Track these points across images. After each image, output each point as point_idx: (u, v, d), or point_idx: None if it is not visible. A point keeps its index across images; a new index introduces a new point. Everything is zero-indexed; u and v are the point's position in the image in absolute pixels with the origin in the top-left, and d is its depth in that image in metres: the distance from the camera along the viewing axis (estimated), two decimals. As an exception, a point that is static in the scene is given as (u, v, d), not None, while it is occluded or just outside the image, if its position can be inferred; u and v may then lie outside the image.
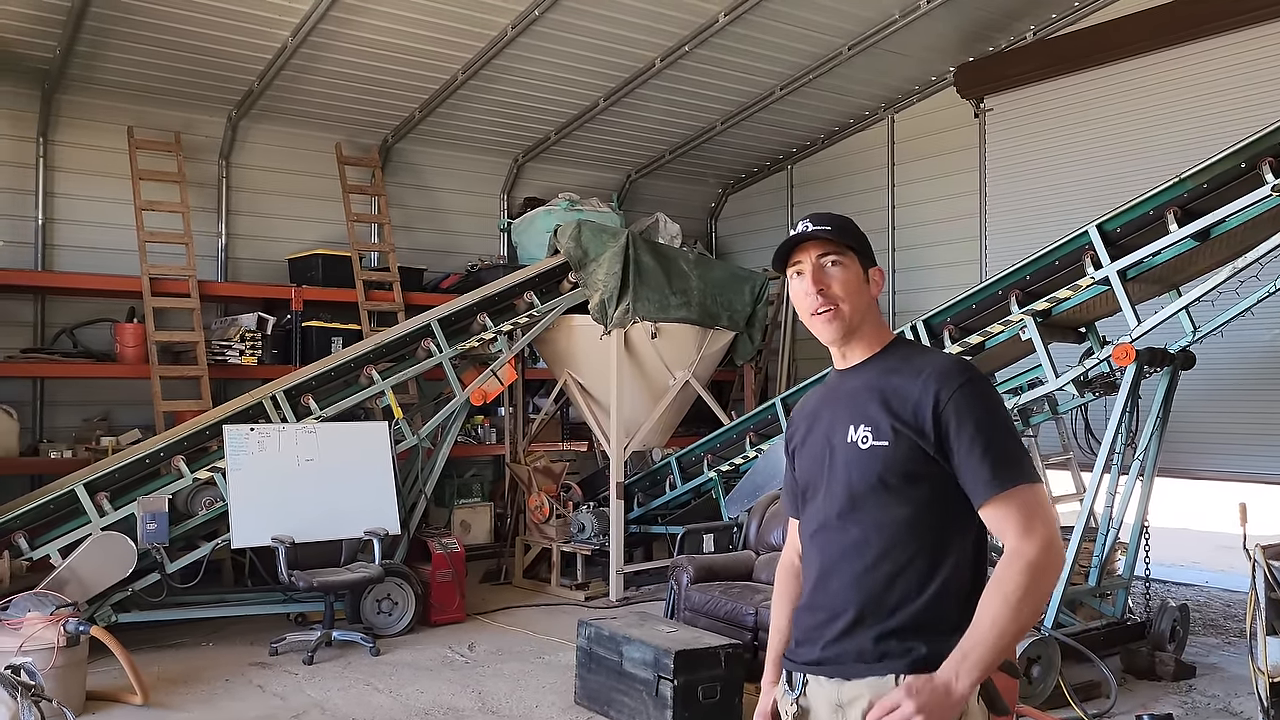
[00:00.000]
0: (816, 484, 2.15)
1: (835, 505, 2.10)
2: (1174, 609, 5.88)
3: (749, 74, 8.99)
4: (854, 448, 2.07)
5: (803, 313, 2.17)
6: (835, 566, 2.10)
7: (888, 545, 2.03)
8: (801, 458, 2.22)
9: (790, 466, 2.30)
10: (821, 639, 2.10)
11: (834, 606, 2.09)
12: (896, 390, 2.05)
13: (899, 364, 2.10)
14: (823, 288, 2.10)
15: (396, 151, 9.71)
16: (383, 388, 7.15)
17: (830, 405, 2.19)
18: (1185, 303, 5.29)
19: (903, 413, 2.02)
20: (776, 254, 2.19)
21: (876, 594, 2.03)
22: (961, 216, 9.27)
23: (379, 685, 5.72)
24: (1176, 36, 7.65)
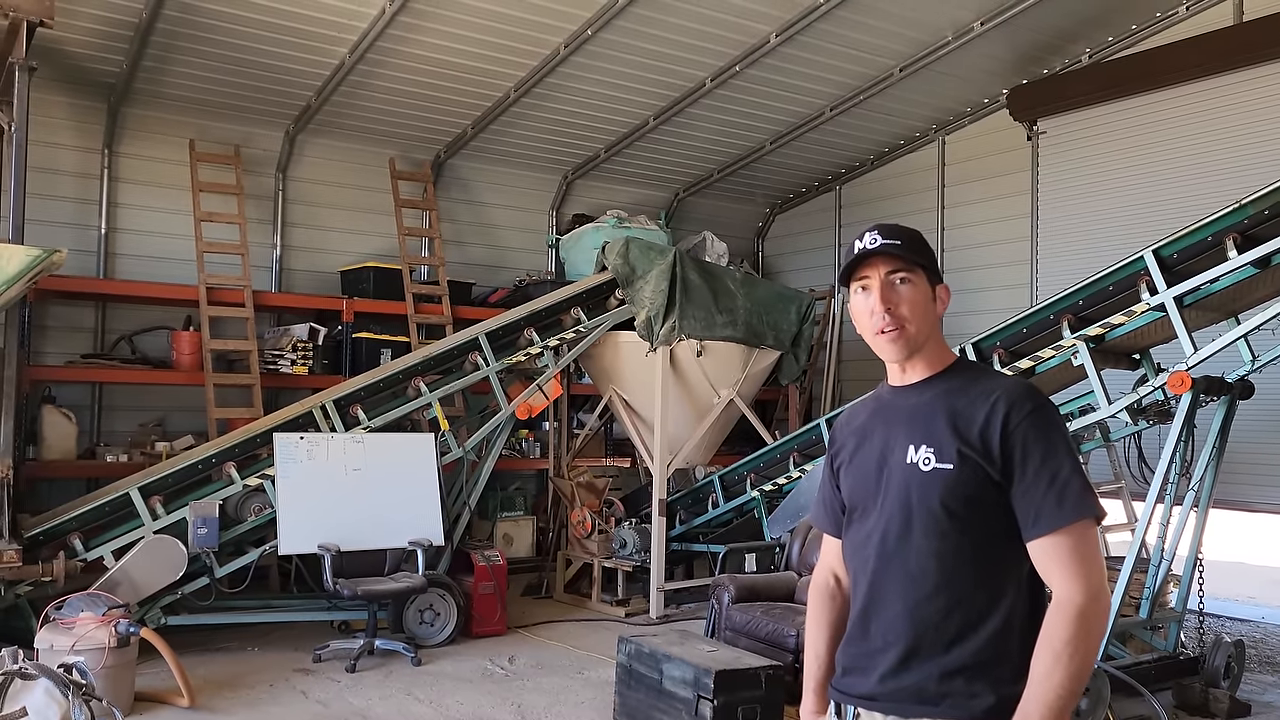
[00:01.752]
0: (867, 504, 2.06)
1: (891, 528, 2.01)
2: (1229, 644, 5.73)
3: (799, 94, 8.99)
4: (914, 469, 1.98)
5: (865, 330, 2.09)
6: (889, 593, 2.01)
7: (947, 575, 1.94)
8: (850, 475, 2.13)
9: (832, 483, 2.21)
10: (875, 670, 2.01)
11: (887, 636, 2.00)
12: (962, 412, 1.97)
13: (964, 384, 2.03)
14: (890, 306, 2.02)
15: (448, 167, 9.84)
16: (430, 400, 7.23)
17: (885, 422, 2.10)
18: (1244, 331, 5.18)
19: (969, 435, 1.95)
20: (846, 267, 2.09)
21: (934, 626, 1.95)
22: (1012, 240, 9.18)
23: (419, 695, 5.75)
24: (1233, 61, 7.55)
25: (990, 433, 1.93)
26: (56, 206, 7.99)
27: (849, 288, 2.11)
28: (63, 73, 7.64)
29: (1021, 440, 1.92)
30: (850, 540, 2.13)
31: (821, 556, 2.30)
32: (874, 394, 2.23)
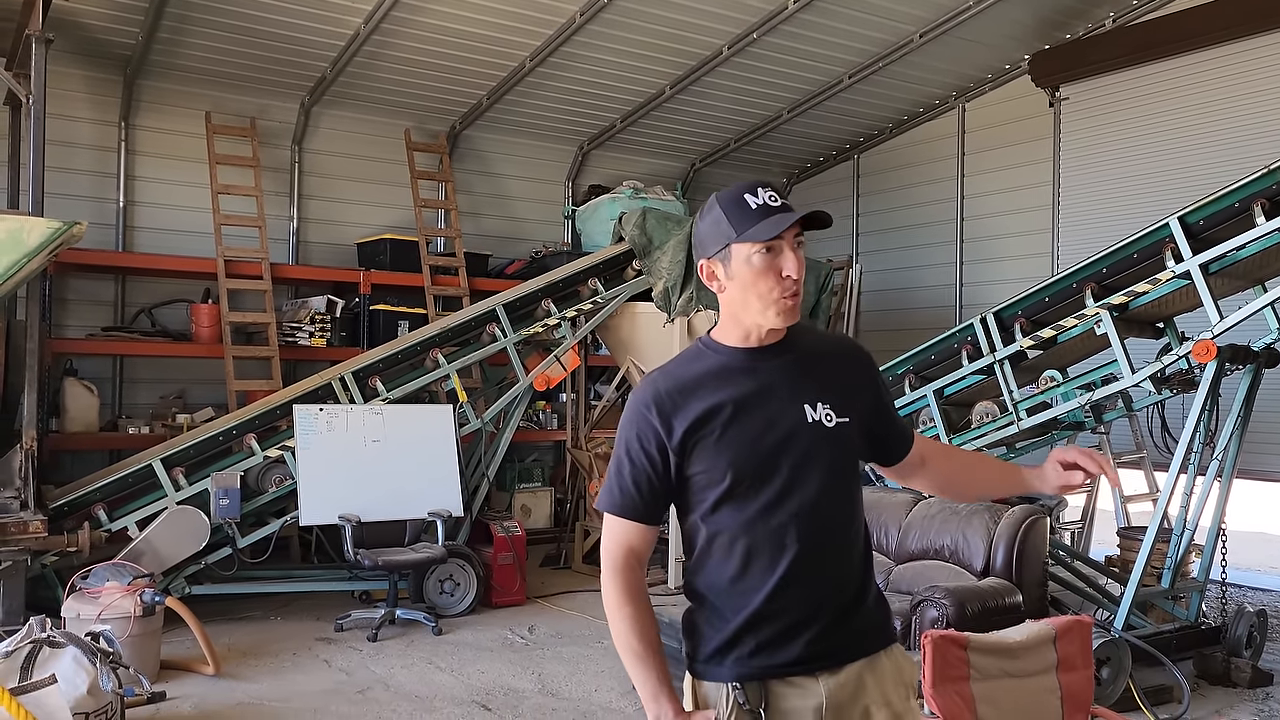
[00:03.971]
0: (763, 473, 1.97)
1: (809, 492, 1.99)
2: (1251, 614, 5.70)
3: (818, 61, 8.89)
4: (819, 427, 2.01)
5: (764, 294, 1.95)
6: (818, 559, 2.00)
7: (856, 525, 2.10)
8: (726, 447, 1.97)
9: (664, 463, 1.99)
10: (800, 638, 1.99)
11: (819, 601, 2.01)
12: (835, 368, 2.10)
13: (815, 343, 2.14)
14: (798, 274, 1.97)
15: (464, 138, 9.80)
16: (448, 371, 7.23)
17: (758, 387, 2.01)
18: (1272, 298, 5.12)
19: (850, 391, 2.08)
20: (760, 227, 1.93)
21: (855, 576, 2.08)
22: (1033, 208, 9.08)
23: (441, 664, 5.80)
24: (1262, 23, 7.39)
25: (867, 387, 2.14)
26: (74, 179, 8.00)
27: (743, 245, 1.95)
28: (79, 45, 7.62)
29: (882, 389, 2.21)
30: (738, 515, 1.98)
31: (623, 544, 2.03)
32: (698, 361, 2.05)
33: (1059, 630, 2.67)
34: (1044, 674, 2.62)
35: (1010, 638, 2.62)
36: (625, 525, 2.03)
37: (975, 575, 5.43)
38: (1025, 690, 2.58)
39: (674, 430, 1.98)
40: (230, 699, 5.18)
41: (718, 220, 1.99)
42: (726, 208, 1.99)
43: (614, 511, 2.04)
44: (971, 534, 5.48)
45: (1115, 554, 6.59)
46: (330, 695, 5.26)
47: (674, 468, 2.00)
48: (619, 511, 2.03)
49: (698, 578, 2.07)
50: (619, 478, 2.03)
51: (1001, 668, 2.56)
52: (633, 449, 2.02)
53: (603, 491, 2.07)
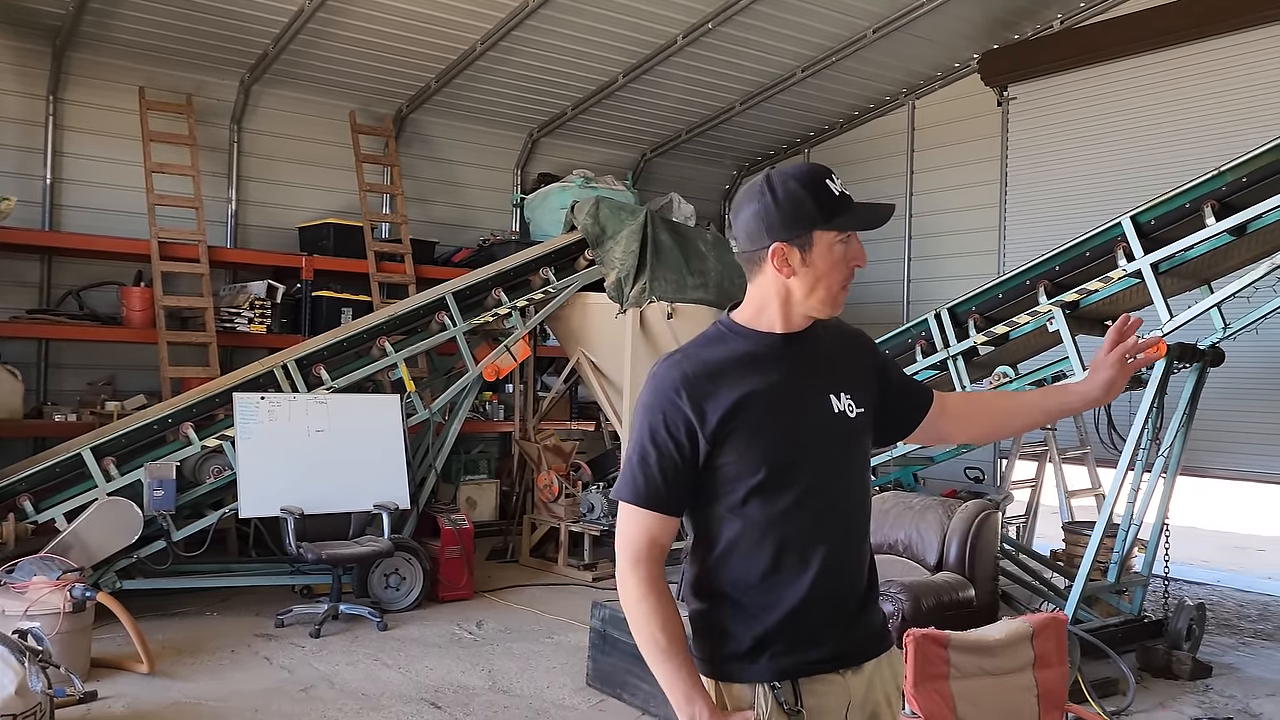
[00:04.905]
0: (801, 462, 1.92)
1: (841, 480, 1.98)
2: (1191, 607, 5.82)
3: (772, 54, 8.87)
4: (844, 419, 1.97)
5: (834, 285, 1.93)
6: (849, 552, 1.98)
7: (870, 518, 2.08)
8: (760, 436, 1.89)
9: (694, 451, 1.89)
10: (830, 635, 1.95)
11: (848, 595, 1.98)
12: (851, 359, 2.06)
13: (830, 329, 2.06)
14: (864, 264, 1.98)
15: (411, 122, 9.59)
16: (395, 360, 7.06)
17: (783, 374, 1.94)
18: (1221, 298, 5.20)
19: (864, 380, 2.04)
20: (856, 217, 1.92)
21: (869, 570, 2.05)
22: (980, 206, 9.18)
23: (388, 660, 5.65)
24: (1206, 29, 7.55)
25: (874, 368, 2.10)
26: (-2, 155, 7.64)
27: (828, 233, 1.90)
28: (4, 14, 7.27)
29: (887, 366, 2.16)
30: (769, 508, 1.90)
31: (645, 535, 1.90)
32: (723, 345, 1.96)
33: (1036, 628, 2.65)
34: (1021, 671, 2.60)
35: (989, 636, 2.59)
36: (648, 516, 1.90)
37: (929, 570, 5.45)
38: (1003, 688, 2.56)
39: (707, 417, 1.87)
40: (165, 698, 4.97)
41: (798, 201, 1.89)
42: (811, 189, 1.89)
43: (638, 502, 1.90)
44: (925, 529, 5.51)
45: (1060, 548, 6.68)
46: (272, 694, 5.08)
47: (703, 456, 1.89)
48: (644, 502, 1.90)
49: (721, 573, 1.95)
50: (644, 466, 1.89)
51: (980, 666, 2.53)
52: (659, 435, 1.88)
53: (623, 481, 1.93)
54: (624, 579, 1.91)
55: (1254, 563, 8.83)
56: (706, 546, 1.96)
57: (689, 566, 2.01)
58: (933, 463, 6.72)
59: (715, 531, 1.94)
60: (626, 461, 1.93)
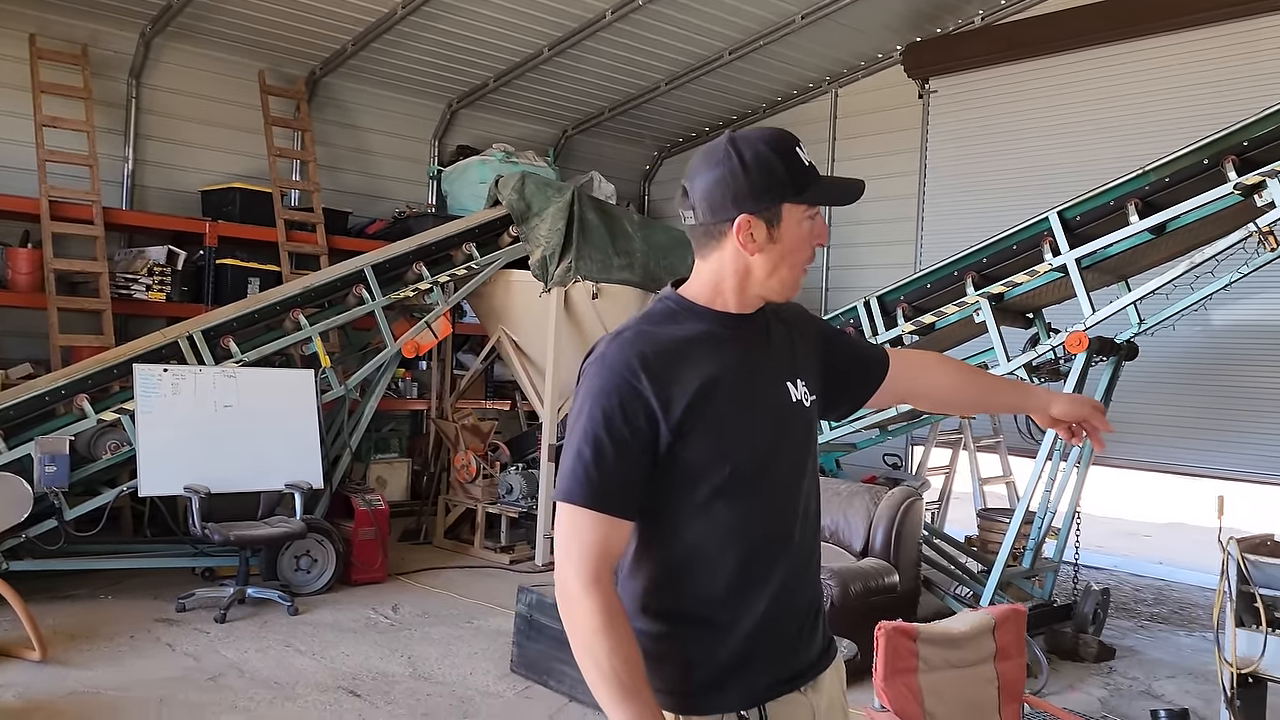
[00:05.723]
0: (767, 457, 1.73)
1: (803, 476, 1.80)
2: (1097, 593, 6.02)
3: (699, 35, 8.78)
4: (801, 408, 1.80)
5: (797, 264, 1.75)
6: (807, 550, 1.81)
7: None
8: (724, 429, 1.68)
9: (653, 446, 1.64)
10: (801, 645, 1.79)
11: (811, 599, 1.82)
12: (797, 341, 1.87)
13: (775, 314, 1.86)
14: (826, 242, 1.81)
15: (324, 86, 9.20)
16: (310, 334, 6.76)
17: (739, 359, 1.74)
18: (1138, 295, 5.35)
19: (812, 364, 1.88)
20: (827, 192, 1.76)
21: (819, 578, 1.89)
22: (900, 196, 9.29)
23: (300, 647, 5.42)
24: (1124, 31, 7.76)
25: (817, 346, 1.93)
26: None
27: (798, 207, 1.71)
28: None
29: (831, 336, 1.99)
30: (735, 510, 1.69)
31: (598, 547, 1.61)
32: (676, 323, 1.73)
33: (998, 620, 2.65)
34: (983, 663, 2.60)
35: (955, 628, 2.58)
36: (602, 522, 1.61)
37: (855, 556, 5.50)
38: (966, 680, 2.55)
39: (672, 403, 1.63)
40: (61, 688, 4.66)
41: (769, 169, 1.68)
42: (782, 156, 1.69)
43: (594, 505, 1.60)
44: (853, 515, 5.55)
45: (974, 534, 6.84)
46: (176, 683, 4.81)
47: (663, 449, 1.64)
48: (601, 505, 1.60)
49: (679, 587, 1.71)
50: (598, 461, 1.60)
51: (946, 658, 2.52)
52: (614, 424, 1.61)
53: (569, 480, 1.62)
54: (577, 603, 1.58)
55: (1145, 548, 9.22)
56: (660, 556, 1.71)
57: (630, 580, 1.74)
58: (855, 449, 6.79)
59: (672, 538, 1.70)
60: (574, 456, 1.63)
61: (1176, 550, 9.13)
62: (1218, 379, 7.40)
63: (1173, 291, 5.26)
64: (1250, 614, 3.42)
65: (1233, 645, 3.39)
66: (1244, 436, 7.31)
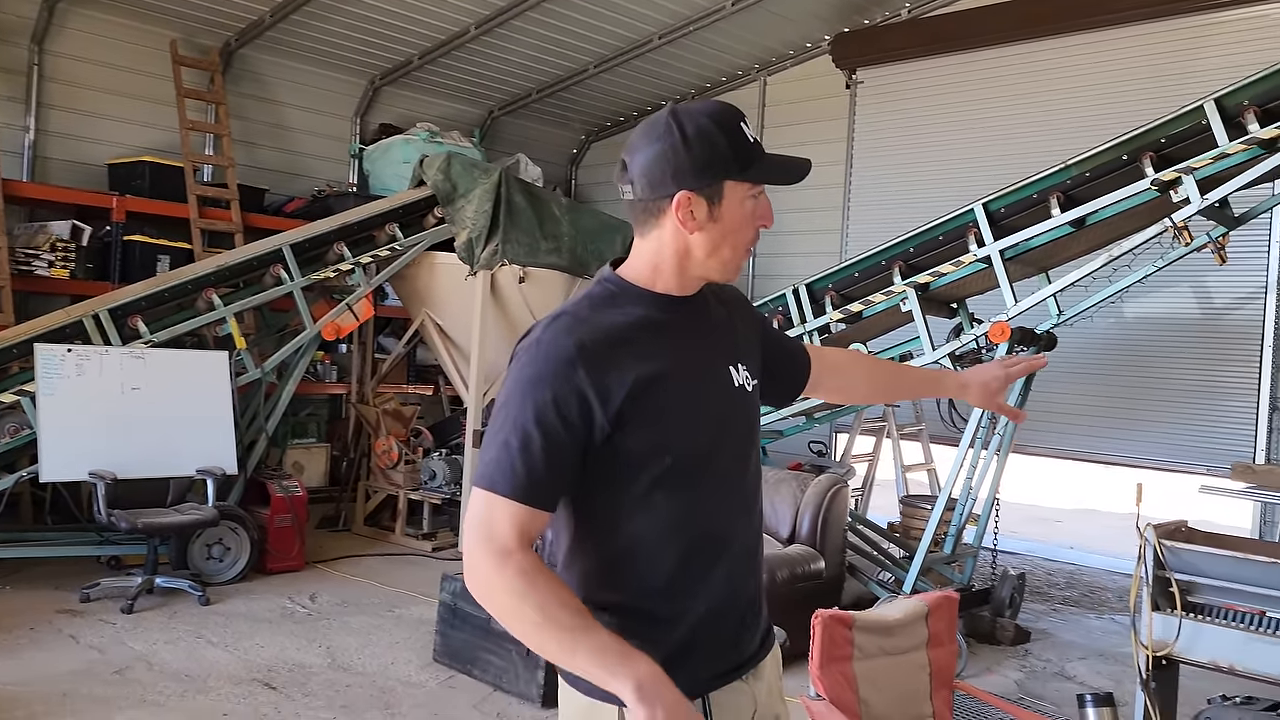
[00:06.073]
0: (711, 443, 1.69)
1: (747, 462, 1.76)
2: (1013, 577, 6.16)
3: (630, 18, 8.71)
4: (743, 393, 1.76)
5: (739, 245, 1.67)
6: (751, 538, 1.78)
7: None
8: (674, 413, 1.63)
9: (621, 428, 1.59)
10: (744, 634, 1.76)
11: (755, 588, 1.78)
12: (737, 324, 1.82)
13: (714, 296, 1.81)
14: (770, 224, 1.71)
15: (240, 58, 8.87)
16: (224, 314, 6.52)
17: (682, 343, 1.69)
18: (1058, 287, 5.46)
19: (753, 348, 1.85)
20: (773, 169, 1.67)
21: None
22: (826, 185, 9.35)
23: (212, 638, 5.23)
24: (1047, 29, 7.91)
25: (757, 331, 1.91)
26: None
27: (741, 184, 1.64)
28: None
29: (765, 325, 1.98)
30: (678, 499, 1.64)
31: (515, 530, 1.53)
32: (616, 307, 1.67)
33: (931, 606, 2.66)
34: (916, 650, 2.60)
35: (889, 615, 2.58)
36: (521, 512, 1.54)
37: (782, 543, 5.52)
38: (900, 667, 2.56)
39: (611, 393, 1.57)
40: (-46, 684, 4.42)
41: (711, 144, 1.61)
42: (725, 131, 1.62)
43: (515, 495, 1.54)
44: (780, 502, 5.56)
45: (897, 520, 6.93)
46: (81, 676, 4.61)
47: (599, 440, 1.58)
48: (522, 496, 1.54)
49: (618, 579, 1.66)
50: (525, 453, 1.54)
51: (880, 646, 2.52)
52: (546, 418, 1.54)
53: (492, 468, 1.55)
54: (493, 579, 1.50)
55: (1057, 533, 9.48)
56: (598, 547, 1.66)
57: (567, 571, 1.69)
58: (782, 436, 6.82)
59: (611, 530, 1.65)
60: (500, 445, 1.55)
61: (1087, 535, 9.41)
62: (1130, 370, 7.63)
63: (1091, 284, 5.37)
64: (1165, 598, 3.51)
65: (1149, 629, 3.46)
66: (1154, 426, 7.55)
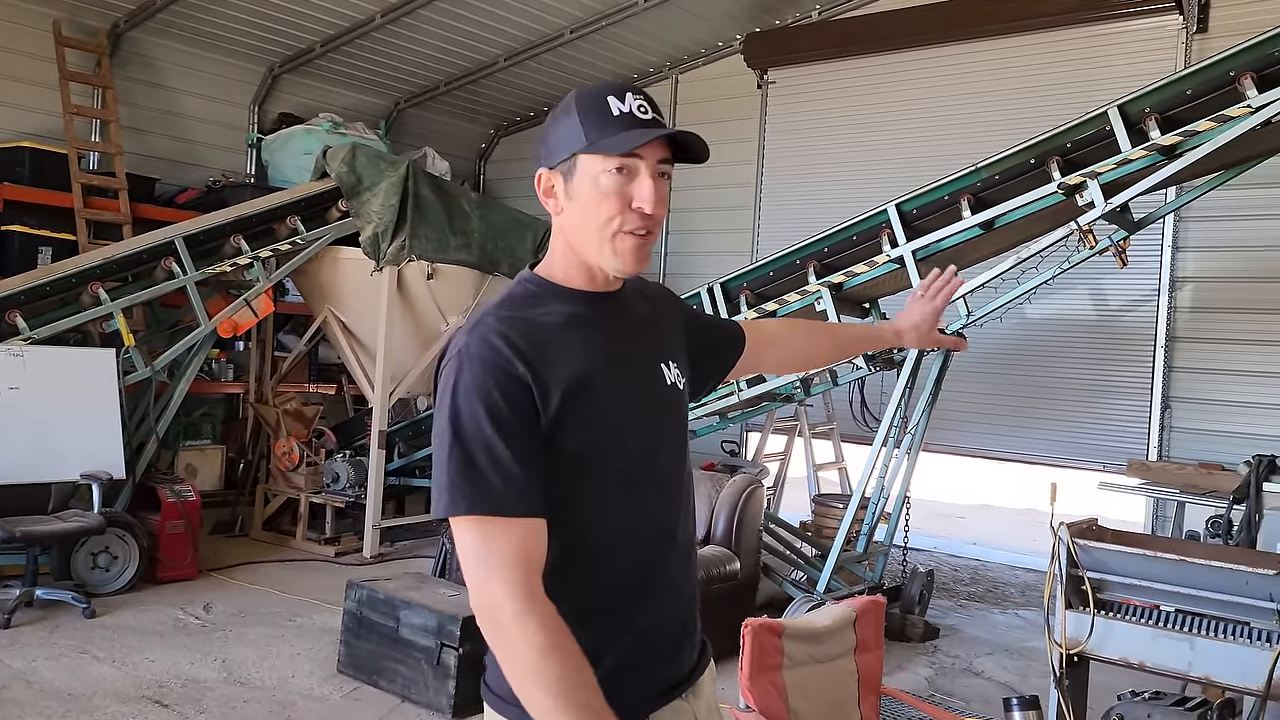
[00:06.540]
0: (647, 447, 1.60)
1: (681, 465, 1.68)
2: (922, 574, 6.23)
3: (541, 11, 8.56)
4: (675, 390, 1.67)
5: (603, 224, 1.53)
6: (691, 547, 1.71)
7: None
8: (608, 415, 1.55)
9: (558, 429, 1.49)
10: (683, 649, 1.69)
11: (691, 598, 1.70)
12: (663, 320, 1.75)
13: (639, 292, 1.73)
14: (658, 208, 1.54)
15: (129, 41, 8.43)
16: (112, 309, 6.17)
17: (609, 341, 1.60)
18: (968, 289, 5.52)
19: (681, 343, 1.78)
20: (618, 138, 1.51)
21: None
22: (738, 185, 9.37)
23: (98, 653, 4.93)
24: (956, 34, 8.04)
25: (681, 324, 1.82)
26: None
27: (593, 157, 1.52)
28: None
29: (693, 316, 1.90)
30: (617, 506, 1.57)
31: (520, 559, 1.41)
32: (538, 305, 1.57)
33: (859, 612, 2.62)
34: (844, 657, 2.56)
35: (818, 622, 2.53)
36: (516, 527, 1.42)
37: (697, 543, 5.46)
38: (828, 674, 2.51)
39: (549, 390, 1.47)
40: None
41: (568, 119, 1.54)
42: (582, 110, 1.53)
43: (501, 509, 1.41)
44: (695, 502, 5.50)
45: (809, 519, 6.96)
46: (-50, 699, 4.28)
47: (544, 440, 1.48)
48: (510, 507, 1.41)
49: (560, 591, 1.50)
50: (492, 459, 1.41)
51: (809, 654, 2.47)
52: (500, 415, 1.43)
53: (464, 489, 1.41)
54: (515, 626, 1.38)
55: (959, 529, 9.68)
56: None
57: None
58: (695, 435, 6.77)
59: (552, 540, 1.52)
60: (459, 466, 1.43)
61: (988, 531, 9.65)
62: (1031, 370, 7.82)
63: (1000, 285, 5.46)
64: (1078, 596, 3.56)
65: (1063, 627, 3.50)
66: (1055, 424, 7.75)
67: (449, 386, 1.48)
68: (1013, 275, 5.44)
